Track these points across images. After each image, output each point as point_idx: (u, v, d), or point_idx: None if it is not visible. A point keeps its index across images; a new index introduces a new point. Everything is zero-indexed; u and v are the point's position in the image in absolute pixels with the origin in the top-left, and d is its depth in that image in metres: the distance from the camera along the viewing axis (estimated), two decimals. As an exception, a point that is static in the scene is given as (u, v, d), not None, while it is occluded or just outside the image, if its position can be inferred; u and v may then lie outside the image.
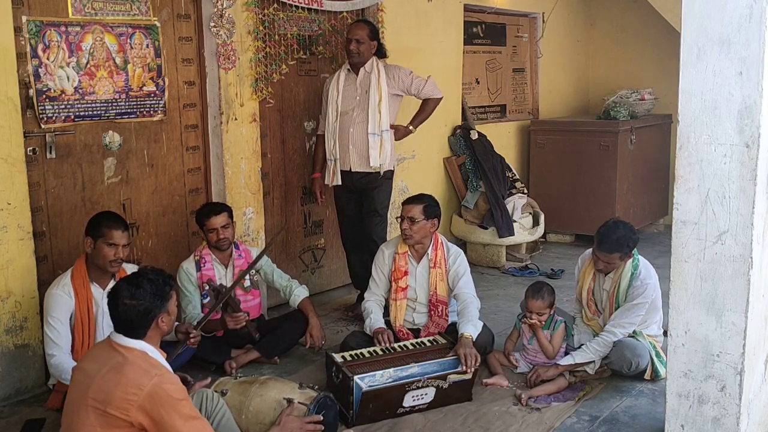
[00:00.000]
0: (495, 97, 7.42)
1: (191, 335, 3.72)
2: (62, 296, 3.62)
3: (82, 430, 2.50)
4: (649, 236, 7.43)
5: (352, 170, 4.86)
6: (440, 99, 5.07)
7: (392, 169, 5.02)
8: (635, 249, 4.03)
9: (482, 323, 4.01)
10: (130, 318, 2.60)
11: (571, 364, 3.90)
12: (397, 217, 4.35)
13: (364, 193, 4.95)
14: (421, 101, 5.08)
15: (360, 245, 5.02)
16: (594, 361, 3.92)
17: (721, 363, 2.93)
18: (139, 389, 2.46)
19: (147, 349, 2.63)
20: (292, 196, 5.36)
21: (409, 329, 4.21)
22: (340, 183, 4.90)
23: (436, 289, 4.18)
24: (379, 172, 4.87)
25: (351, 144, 4.82)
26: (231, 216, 4.31)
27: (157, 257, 4.58)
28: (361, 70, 4.85)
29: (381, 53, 4.95)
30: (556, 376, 3.87)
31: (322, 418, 3.16)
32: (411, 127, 5.05)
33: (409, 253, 4.24)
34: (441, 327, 4.16)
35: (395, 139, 5.00)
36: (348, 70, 4.90)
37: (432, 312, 4.20)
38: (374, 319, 4.14)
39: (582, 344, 3.98)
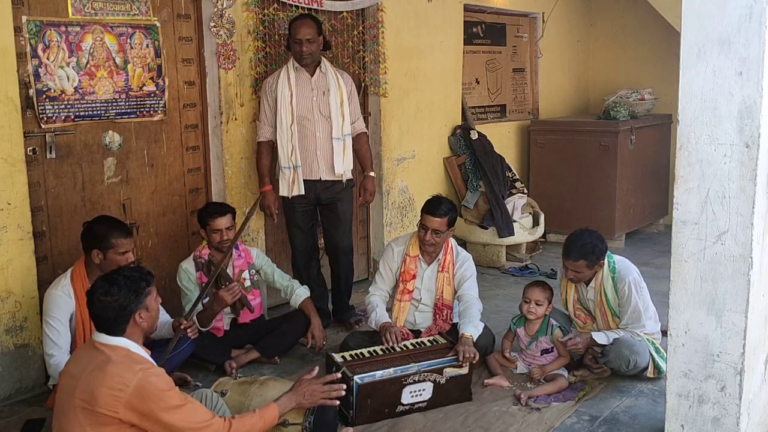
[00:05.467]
0: (495, 97, 7.42)
1: (183, 326, 3.67)
2: (62, 297, 3.62)
3: (72, 431, 2.51)
4: (649, 236, 7.44)
5: (322, 179, 4.62)
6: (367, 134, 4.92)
7: (352, 177, 4.79)
8: (608, 253, 4.00)
9: (483, 325, 4.01)
10: (107, 315, 2.61)
11: (605, 341, 3.93)
12: (417, 224, 4.28)
13: (327, 205, 4.73)
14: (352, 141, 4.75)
15: (314, 261, 4.90)
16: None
17: (721, 363, 2.93)
18: (125, 386, 2.47)
19: (129, 345, 2.63)
20: (292, 196, 5.36)
21: (410, 330, 4.20)
22: (303, 192, 4.60)
23: (442, 293, 4.16)
24: (342, 181, 4.68)
25: (318, 150, 4.58)
26: (234, 217, 4.31)
27: (157, 257, 4.58)
28: (317, 70, 4.60)
29: (327, 47, 4.75)
30: (586, 344, 3.97)
31: (340, 375, 3.13)
32: (371, 174, 4.84)
33: (420, 256, 4.22)
34: (443, 330, 4.16)
35: (369, 197, 4.86)
36: (296, 68, 4.57)
37: (437, 315, 4.20)
38: (380, 314, 4.11)
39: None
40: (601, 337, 3.94)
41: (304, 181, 4.61)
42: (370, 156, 4.90)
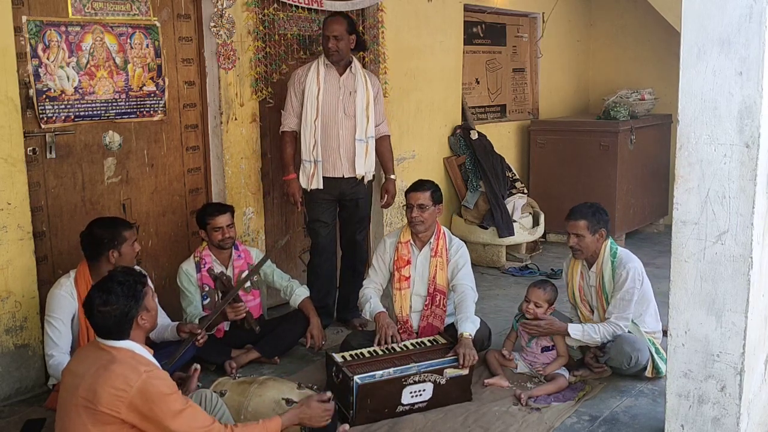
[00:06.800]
0: (495, 97, 7.42)
1: (199, 335, 3.70)
2: (65, 297, 3.62)
3: (74, 430, 2.52)
4: (649, 236, 7.44)
5: (345, 176, 4.68)
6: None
7: (374, 175, 4.90)
8: (612, 241, 4.05)
9: (479, 319, 4.01)
10: (108, 324, 2.60)
11: (579, 335, 3.92)
12: (402, 205, 4.34)
13: (349, 202, 4.79)
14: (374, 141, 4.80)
15: (333, 256, 4.92)
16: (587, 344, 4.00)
17: (721, 363, 2.93)
18: (129, 386, 2.48)
19: (133, 347, 2.64)
20: (292, 196, 5.36)
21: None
22: (321, 187, 4.64)
23: (435, 277, 4.16)
24: (364, 179, 4.76)
25: (341, 148, 4.63)
26: (233, 215, 4.31)
27: (157, 257, 4.58)
28: (347, 69, 4.65)
29: (361, 46, 4.81)
30: (554, 331, 3.97)
31: (331, 395, 3.10)
32: (393, 176, 4.93)
33: (411, 242, 4.24)
34: (439, 318, 4.16)
35: (391, 199, 4.92)
36: (327, 65, 4.61)
37: (430, 302, 4.18)
38: (374, 305, 4.13)
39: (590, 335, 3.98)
40: (575, 329, 3.94)
41: (328, 178, 4.65)
42: (392, 159, 4.97)
